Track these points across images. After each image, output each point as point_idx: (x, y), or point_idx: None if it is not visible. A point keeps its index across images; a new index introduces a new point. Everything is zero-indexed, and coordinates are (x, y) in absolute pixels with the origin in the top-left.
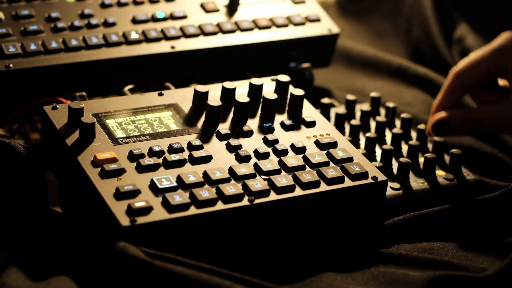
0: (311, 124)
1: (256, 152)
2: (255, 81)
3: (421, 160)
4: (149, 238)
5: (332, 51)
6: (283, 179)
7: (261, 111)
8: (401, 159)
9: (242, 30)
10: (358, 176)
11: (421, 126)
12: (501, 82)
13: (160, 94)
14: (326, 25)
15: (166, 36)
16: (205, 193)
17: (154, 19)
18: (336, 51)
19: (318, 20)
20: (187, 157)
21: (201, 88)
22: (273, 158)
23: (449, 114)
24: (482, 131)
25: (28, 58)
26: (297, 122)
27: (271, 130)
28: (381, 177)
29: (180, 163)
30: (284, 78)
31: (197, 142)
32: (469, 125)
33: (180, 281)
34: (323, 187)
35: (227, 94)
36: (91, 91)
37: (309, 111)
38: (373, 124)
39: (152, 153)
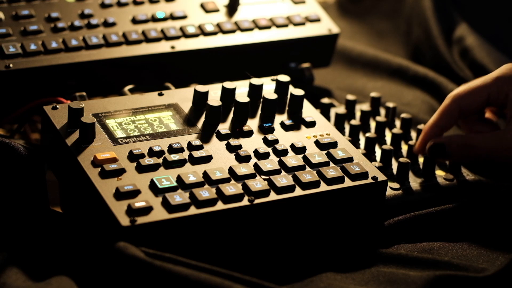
0: (311, 124)
1: (256, 152)
2: (255, 81)
3: (421, 160)
4: (149, 238)
5: (332, 51)
6: (283, 179)
7: (261, 111)
8: (401, 159)
9: (242, 30)
10: (358, 176)
11: (421, 126)
12: (488, 115)
13: (160, 94)
14: (326, 25)
15: (166, 36)
16: (205, 193)
17: (154, 19)
18: (336, 51)
19: (318, 20)
20: (187, 157)
21: (201, 88)
22: (273, 158)
23: (446, 138)
24: (478, 159)
25: (28, 58)
26: (297, 122)
27: (271, 130)
28: (381, 177)
29: (180, 163)
30: (284, 78)
31: (197, 142)
32: (466, 152)
33: (180, 281)
34: (323, 187)
35: (227, 94)
36: (91, 91)
37: (309, 111)
38: (373, 124)
39: (152, 153)
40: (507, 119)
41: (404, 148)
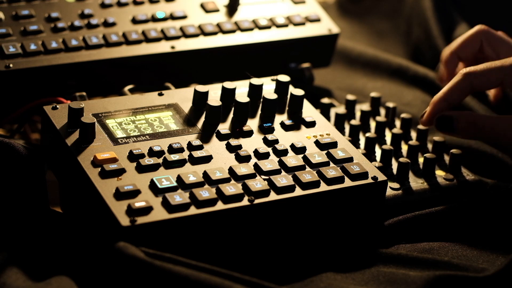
0: (311, 124)
1: (256, 152)
2: (255, 81)
3: (421, 160)
4: (149, 238)
5: (332, 51)
6: (283, 179)
7: (261, 111)
8: (401, 159)
9: (242, 30)
10: (358, 176)
11: (421, 126)
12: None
13: (160, 94)
14: (326, 25)
15: (166, 36)
16: (205, 193)
17: (154, 19)
18: (336, 51)
19: (318, 20)
20: (187, 157)
21: (201, 88)
22: (273, 158)
23: (456, 113)
24: (484, 139)
25: (28, 58)
26: (297, 122)
27: (271, 130)
28: (381, 177)
29: (180, 163)
30: (284, 78)
31: (197, 142)
32: (473, 130)
33: (180, 281)
34: (323, 187)
35: (227, 94)
36: (91, 91)
37: (309, 111)
38: (373, 124)
39: (152, 153)
40: None
41: (404, 148)
